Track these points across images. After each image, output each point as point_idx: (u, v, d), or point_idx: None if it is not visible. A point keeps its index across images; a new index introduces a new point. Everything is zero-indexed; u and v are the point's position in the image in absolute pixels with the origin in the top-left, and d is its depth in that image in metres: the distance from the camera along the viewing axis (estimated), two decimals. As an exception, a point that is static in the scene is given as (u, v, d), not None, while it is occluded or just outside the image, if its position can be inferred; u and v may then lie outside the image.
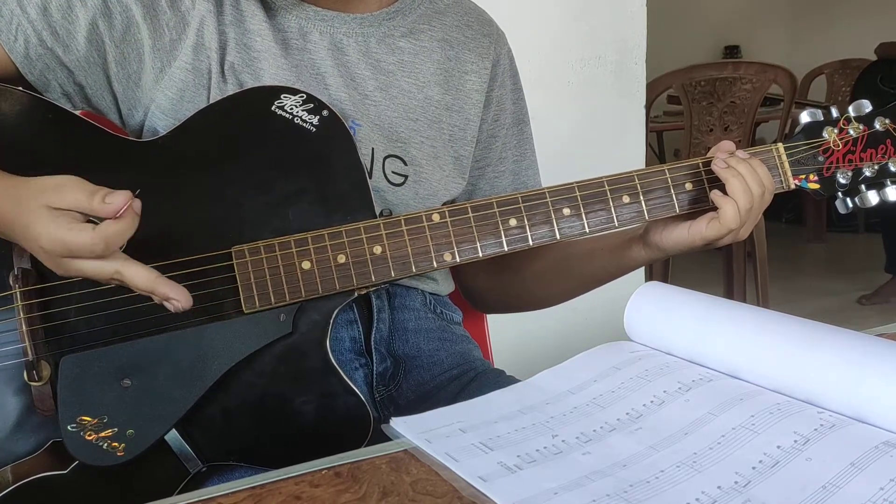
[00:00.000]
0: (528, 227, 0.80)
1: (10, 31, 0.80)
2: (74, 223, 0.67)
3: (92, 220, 0.68)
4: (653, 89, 2.82)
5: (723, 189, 0.81)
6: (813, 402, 0.56)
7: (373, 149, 0.88)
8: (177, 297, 0.70)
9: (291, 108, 0.78)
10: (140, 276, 0.69)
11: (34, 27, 0.81)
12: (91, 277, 0.69)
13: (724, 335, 0.64)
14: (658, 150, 4.78)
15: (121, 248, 0.69)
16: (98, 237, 0.66)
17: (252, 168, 0.78)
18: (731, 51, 5.99)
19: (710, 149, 0.87)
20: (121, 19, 0.83)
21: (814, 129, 0.88)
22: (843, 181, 0.88)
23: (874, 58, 4.02)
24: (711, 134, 2.94)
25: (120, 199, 0.66)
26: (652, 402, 0.60)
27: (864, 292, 3.69)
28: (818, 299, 3.69)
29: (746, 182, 0.80)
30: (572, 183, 0.82)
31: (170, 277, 0.71)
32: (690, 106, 2.94)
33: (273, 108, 0.78)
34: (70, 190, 0.67)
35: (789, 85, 2.97)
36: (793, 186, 0.88)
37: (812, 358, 0.57)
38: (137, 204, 0.67)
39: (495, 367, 1.01)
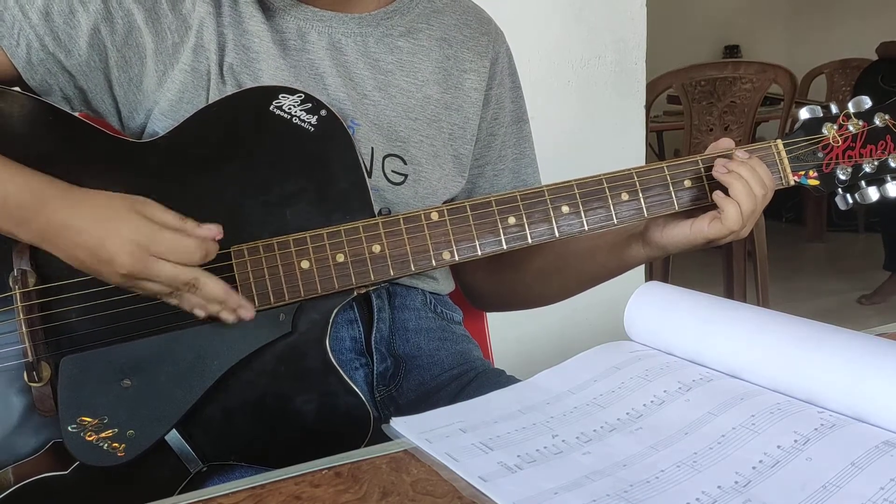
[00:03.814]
0: (526, 226, 0.80)
1: (12, 36, 0.80)
2: (174, 230, 0.72)
3: None
4: (653, 89, 2.82)
5: (724, 188, 0.81)
6: (813, 402, 0.56)
7: (372, 148, 0.88)
8: (247, 307, 0.74)
9: (290, 108, 0.78)
10: (217, 287, 0.72)
11: (36, 32, 0.80)
12: (164, 281, 0.71)
13: (724, 335, 0.64)
14: (658, 150, 4.78)
15: None
16: (202, 245, 0.71)
17: (250, 168, 0.78)
18: (731, 50, 5.98)
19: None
20: (122, 24, 0.83)
21: (813, 125, 0.88)
22: (842, 177, 0.88)
23: (874, 57, 4.02)
24: (711, 134, 2.94)
25: (216, 228, 0.73)
26: (652, 401, 0.60)
27: (864, 292, 3.69)
28: (818, 299, 3.68)
29: (749, 185, 0.80)
30: (571, 181, 0.82)
31: None
32: (690, 106, 2.94)
33: (271, 107, 0.78)
34: (159, 208, 0.72)
35: (789, 84, 2.97)
36: (792, 183, 0.87)
37: (812, 358, 0.57)
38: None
39: (495, 367, 1.01)
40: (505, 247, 0.80)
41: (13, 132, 0.78)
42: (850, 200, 0.89)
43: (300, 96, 0.79)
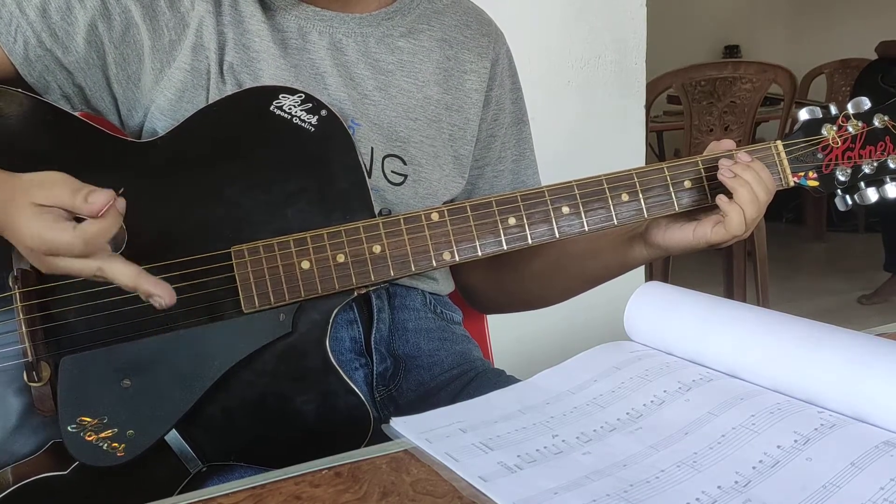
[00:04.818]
0: (527, 226, 0.80)
1: (9, 32, 0.80)
2: (57, 221, 0.65)
3: (78, 217, 0.66)
4: (653, 89, 2.82)
5: (727, 192, 0.81)
6: (813, 402, 0.56)
7: (372, 148, 0.88)
8: (160, 294, 0.68)
9: (290, 108, 0.79)
10: (123, 273, 0.67)
11: (33, 29, 0.81)
12: (74, 275, 0.68)
13: (724, 335, 0.64)
14: (658, 150, 4.78)
15: (121, 246, 0.69)
16: (77, 237, 0.65)
17: (251, 168, 0.78)
18: (731, 50, 5.98)
19: (710, 148, 0.87)
20: (120, 20, 0.83)
21: (813, 126, 0.88)
22: (842, 178, 0.88)
23: (874, 57, 4.02)
24: (711, 134, 2.94)
25: (102, 198, 0.64)
26: (652, 401, 0.60)
27: (864, 292, 3.69)
28: (818, 299, 3.68)
29: (754, 191, 0.80)
30: (571, 181, 0.82)
31: (169, 278, 0.71)
32: (690, 106, 2.94)
33: (271, 107, 0.78)
34: (55, 187, 0.66)
35: (789, 85, 2.97)
36: (792, 184, 0.87)
37: (812, 358, 0.57)
38: (122, 203, 0.66)
39: (495, 367, 1.01)
40: (505, 247, 0.80)
41: (12, 131, 0.78)
42: (850, 201, 0.89)
43: (300, 96, 0.79)
